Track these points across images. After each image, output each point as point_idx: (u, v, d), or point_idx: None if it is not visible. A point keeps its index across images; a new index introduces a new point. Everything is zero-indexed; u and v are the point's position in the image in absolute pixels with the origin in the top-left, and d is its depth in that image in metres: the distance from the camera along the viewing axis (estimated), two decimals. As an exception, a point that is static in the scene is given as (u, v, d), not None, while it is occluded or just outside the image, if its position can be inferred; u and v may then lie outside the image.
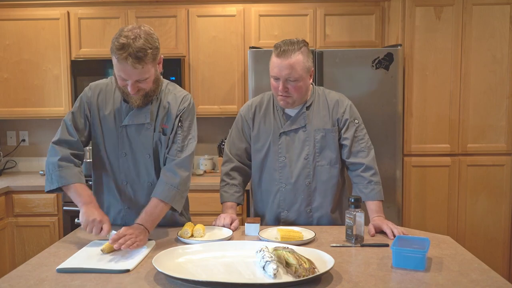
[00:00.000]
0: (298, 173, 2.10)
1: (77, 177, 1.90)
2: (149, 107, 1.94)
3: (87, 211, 1.80)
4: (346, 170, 2.19)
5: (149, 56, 1.76)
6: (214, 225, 2.01)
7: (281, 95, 2.02)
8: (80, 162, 1.98)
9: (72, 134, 1.95)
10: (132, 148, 1.97)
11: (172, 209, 1.90)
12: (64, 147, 1.94)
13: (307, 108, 2.11)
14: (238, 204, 2.19)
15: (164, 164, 1.96)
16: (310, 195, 2.11)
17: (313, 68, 2.07)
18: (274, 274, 1.40)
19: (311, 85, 2.14)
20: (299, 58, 1.97)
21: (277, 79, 2.01)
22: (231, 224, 2.00)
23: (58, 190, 1.90)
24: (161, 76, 1.99)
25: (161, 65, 1.91)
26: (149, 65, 1.79)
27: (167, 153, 1.94)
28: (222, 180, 2.23)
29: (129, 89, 1.81)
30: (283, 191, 2.12)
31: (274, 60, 2.00)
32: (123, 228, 1.74)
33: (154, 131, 1.96)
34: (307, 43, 2.04)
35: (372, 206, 2.05)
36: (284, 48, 1.97)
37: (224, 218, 2.02)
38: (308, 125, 2.10)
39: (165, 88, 2.02)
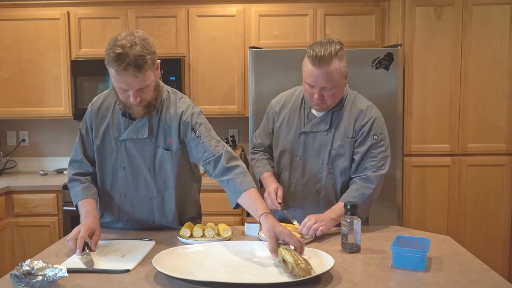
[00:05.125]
0: (309, 176, 2.04)
1: (78, 197, 1.90)
2: (147, 121, 1.87)
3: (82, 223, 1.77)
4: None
5: (149, 63, 1.69)
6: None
7: (315, 102, 1.94)
8: (87, 177, 1.97)
9: (77, 153, 1.98)
10: (131, 162, 1.92)
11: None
12: (72, 167, 1.99)
13: (334, 112, 2.02)
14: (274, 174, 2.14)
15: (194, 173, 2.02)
16: (317, 201, 2.04)
17: (348, 70, 1.94)
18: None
19: (345, 87, 2.03)
20: (336, 66, 1.85)
21: (312, 87, 1.91)
22: (277, 195, 1.96)
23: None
24: (160, 82, 1.92)
25: (159, 70, 1.83)
26: (149, 71, 1.72)
27: (203, 163, 1.85)
28: (251, 160, 2.24)
29: (131, 100, 1.74)
30: (292, 190, 2.07)
31: (310, 68, 1.87)
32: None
33: (159, 146, 1.90)
34: (342, 44, 1.91)
35: (336, 206, 1.92)
36: (320, 54, 1.83)
37: (269, 193, 1.97)
38: (330, 130, 2.00)
39: (167, 99, 1.92)
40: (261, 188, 2.14)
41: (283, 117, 2.11)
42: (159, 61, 1.81)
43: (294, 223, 1.95)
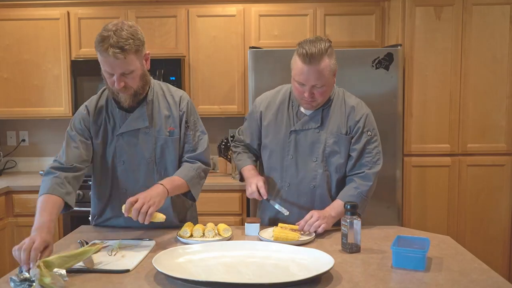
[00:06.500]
0: (303, 175, 2.03)
1: (44, 189, 1.79)
2: (145, 111, 1.92)
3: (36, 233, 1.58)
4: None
5: (131, 46, 1.73)
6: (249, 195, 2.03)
7: (306, 100, 1.94)
8: (67, 174, 1.84)
9: (61, 155, 1.90)
10: (130, 155, 1.95)
11: (190, 197, 1.96)
12: (52, 163, 1.89)
13: (324, 109, 2.02)
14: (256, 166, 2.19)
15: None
16: (313, 199, 2.04)
17: (337, 67, 1.95)
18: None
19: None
20: (326, 63, 1.85)
21: (302, 85, 1.90)
22: (259, 190, 1.98)
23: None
24: (149, 74, 1.94)
25: (148, 62, 1.88)
26: (132, 56, 1.75)
27: (184, 154, 1.99)
28: (233, 153, 2.28)
29: (115, 85, 1.77)
30: (286, 190, 2.07)
31: (300, 66, 1.87)
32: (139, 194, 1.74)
33: (160, 134, 1.95)
34: (331, 42, 1.91)
35: (335, 203, 1.96)
36: (311, 52, 1.82)
37: (250, 186, 1.99)
38: (321, 128, 2.01)
39: (159, 90, 1.99)
40: (241, 181, 2.20)
41: (270, 117, 2.10)
42: (148, 52, 1.87)
43: (283, 211, 1.97)
